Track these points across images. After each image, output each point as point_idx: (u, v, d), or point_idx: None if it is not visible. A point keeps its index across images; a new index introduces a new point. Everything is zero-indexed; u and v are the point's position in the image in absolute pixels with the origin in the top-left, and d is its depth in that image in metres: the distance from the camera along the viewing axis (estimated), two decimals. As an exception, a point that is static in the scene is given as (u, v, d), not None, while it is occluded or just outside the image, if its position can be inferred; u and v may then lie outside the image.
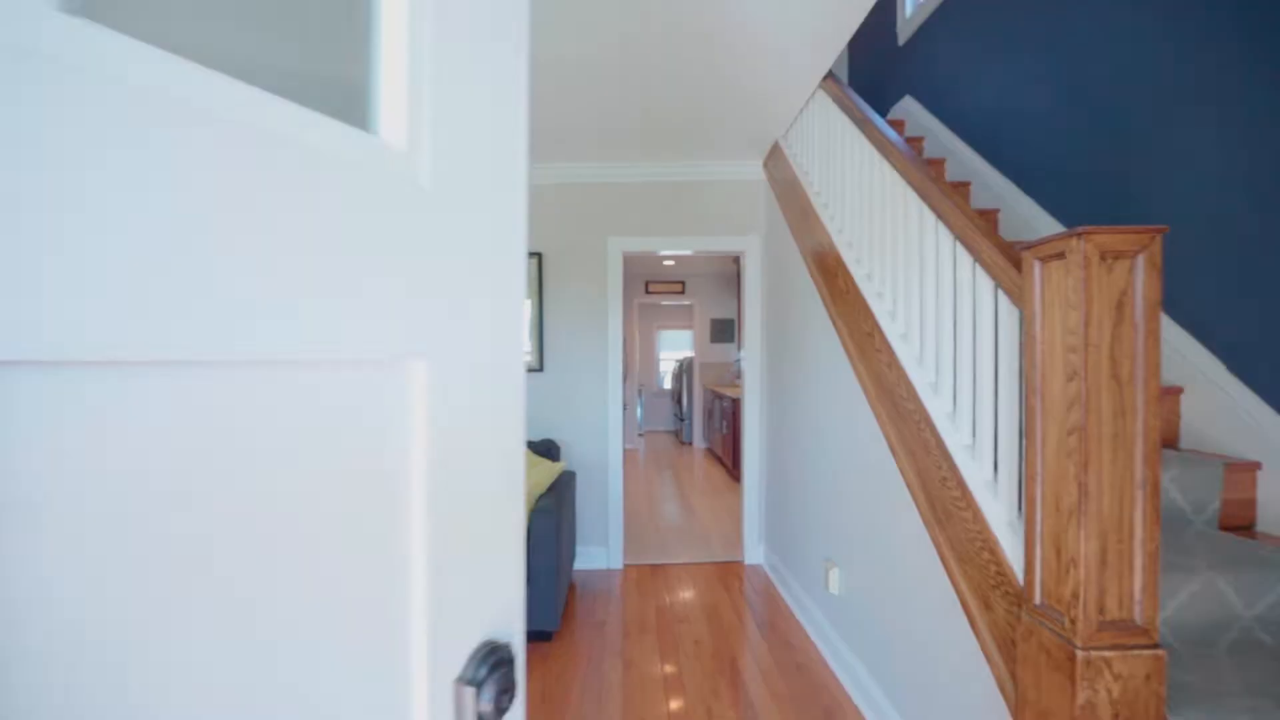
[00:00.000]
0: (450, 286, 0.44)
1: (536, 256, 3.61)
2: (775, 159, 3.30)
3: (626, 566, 3.63)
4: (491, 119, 0.50)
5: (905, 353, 1.90)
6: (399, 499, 0.40)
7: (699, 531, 4.35)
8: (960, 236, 1.59)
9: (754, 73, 2.46)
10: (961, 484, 1.59)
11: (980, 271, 1.53)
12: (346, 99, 0.40)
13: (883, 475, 2.03)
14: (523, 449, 0.55)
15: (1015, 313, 1.43)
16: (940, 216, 1.69)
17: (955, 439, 1.65)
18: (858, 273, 2.24)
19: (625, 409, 7.99)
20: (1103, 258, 1.10)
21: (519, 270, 0.54)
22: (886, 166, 2.04)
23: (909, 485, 1.84)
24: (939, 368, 1.74)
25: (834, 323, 2.42)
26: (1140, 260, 1.09)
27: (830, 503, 2.51)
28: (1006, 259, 1.40)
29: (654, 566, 3.62)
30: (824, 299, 2.54)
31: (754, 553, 3.65)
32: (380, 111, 0.40)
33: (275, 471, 0.31)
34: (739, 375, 7.61)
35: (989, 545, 1.48)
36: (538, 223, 3.65)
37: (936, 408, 1.73)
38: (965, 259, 1.60)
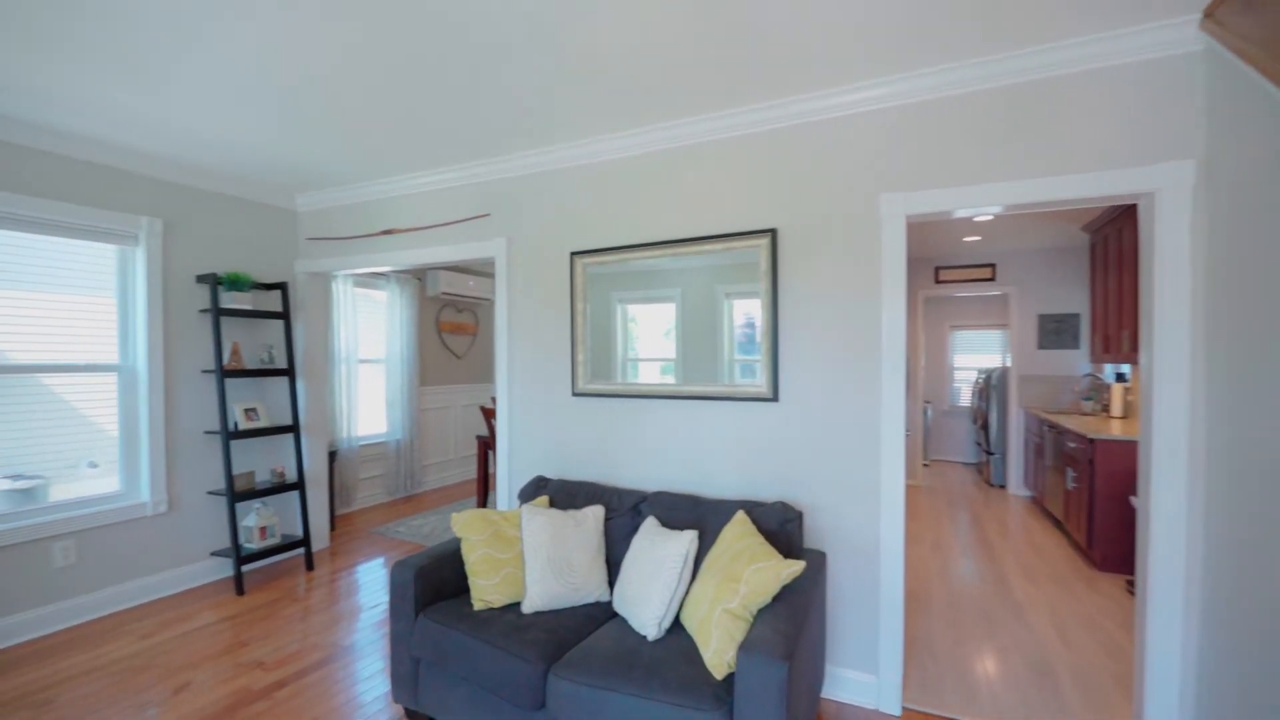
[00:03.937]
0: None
1: (769, 234, 2.51)
2: (1246, -6, 1.63)
3: (908, 713, 2.30)
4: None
5: None
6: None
7: (1031, 652, 2.72)
8: None
9: None
10: None
11: None
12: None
13: None
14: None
15: None
16: None
17: None
18: None
19: (906, 435, 6.22)
20: None
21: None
22: None
23: None
24: None
25: None
26: None
27: None
28: None
29: (958, 725, 2.21)
30: None
31: (1168, 749, 1.97)
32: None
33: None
34: (1087, 397, 5.26)
35: None
36: (768, 185, 2.55)
37: None
38: None
